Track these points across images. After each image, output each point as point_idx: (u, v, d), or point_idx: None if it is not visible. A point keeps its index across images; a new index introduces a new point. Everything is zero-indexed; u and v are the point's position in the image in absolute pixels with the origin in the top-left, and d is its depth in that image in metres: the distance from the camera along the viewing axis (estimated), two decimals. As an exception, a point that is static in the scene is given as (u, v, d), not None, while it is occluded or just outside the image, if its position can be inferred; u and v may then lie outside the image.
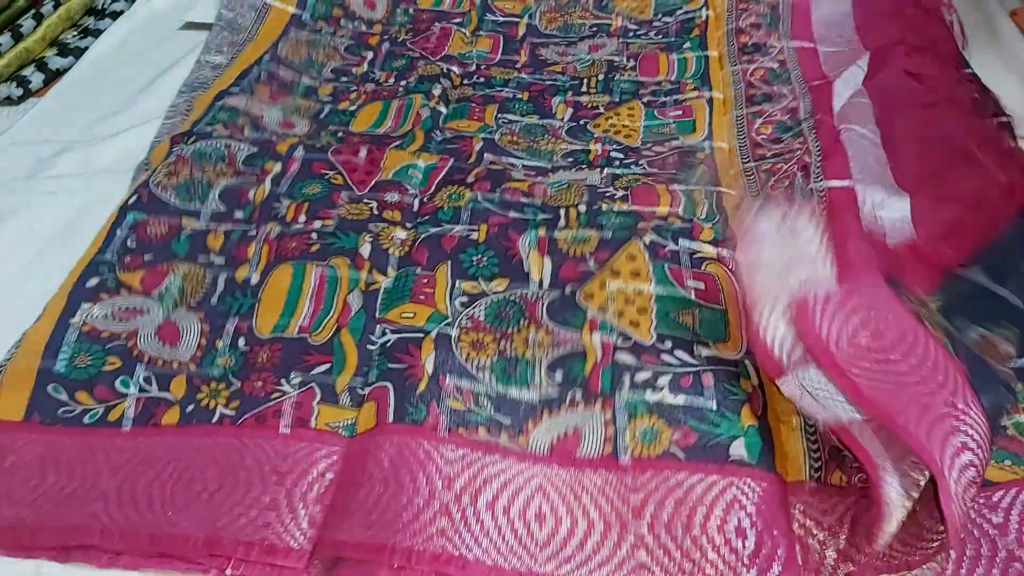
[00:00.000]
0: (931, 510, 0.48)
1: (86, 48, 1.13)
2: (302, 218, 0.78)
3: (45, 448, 0.61)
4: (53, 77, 1.09)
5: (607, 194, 0.80)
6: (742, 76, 0.97)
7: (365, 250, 0.74)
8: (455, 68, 1.04)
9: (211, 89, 0.97)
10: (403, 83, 1.01)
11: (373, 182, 0.82)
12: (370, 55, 1.08)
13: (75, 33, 1.18)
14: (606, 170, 0.85)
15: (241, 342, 0.68)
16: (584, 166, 0.87)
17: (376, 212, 0.78)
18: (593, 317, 0.68)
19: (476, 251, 0.74)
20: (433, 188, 0.82)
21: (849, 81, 0.89)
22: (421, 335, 0.67)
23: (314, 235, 0.75)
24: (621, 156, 0.88)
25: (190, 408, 0.63)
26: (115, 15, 1.21)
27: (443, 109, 0.96)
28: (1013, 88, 0.88)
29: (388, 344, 0.67)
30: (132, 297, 0.71)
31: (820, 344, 0.56)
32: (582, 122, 0.94)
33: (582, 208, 0.78)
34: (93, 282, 0.72)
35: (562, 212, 0.77)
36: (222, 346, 0.68)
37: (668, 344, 0.66)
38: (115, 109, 1.00)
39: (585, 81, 1.01)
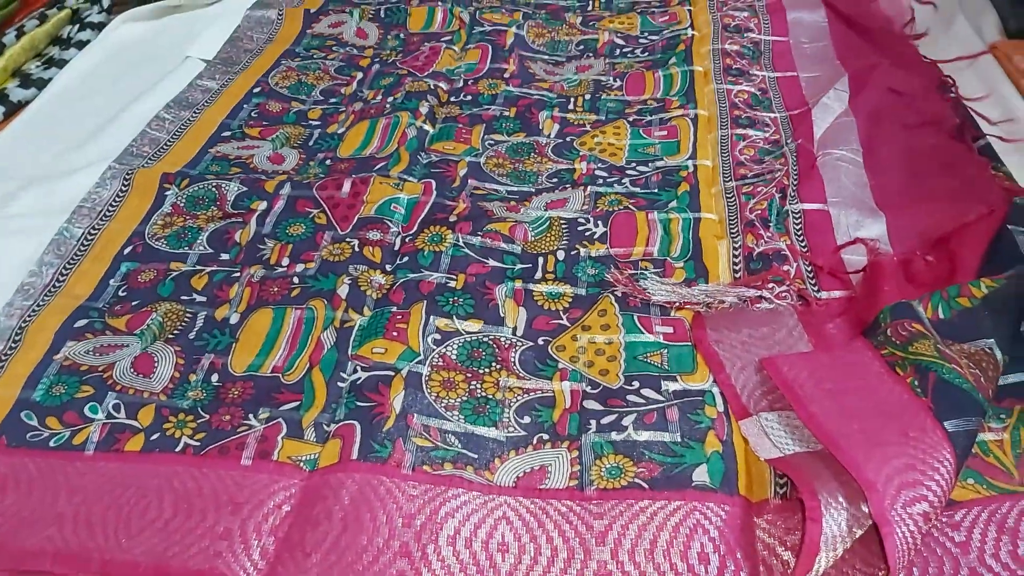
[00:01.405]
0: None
1: (50, 79, 1.09)
2: (285, 261, 0.79)
3: (7, 469, 0.61)
4: (14, 109, 1.06)
5: (587, 232, 0.81)
6: (727, 96, 1.00)
7: (343, 291, 0.75)
8: (442, 84, 1.07)
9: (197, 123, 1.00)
10: (390, 99, 1.03)
11: (355, 218, 0.84)
12: (360, 75, 1.12)
13: (39, 63, 1.15)
14: (590, 188, 0.87)
15: (214, 378, 0.69)
16: (568, 186, 0.88)
17: (357, 250, 0.80)
18: (564, 368, 0.69)
19: (453, 295, 0.75)
20: (415, 228, 0.83)
21: (829, 107, 0.92)
22: (392, 373, 0.67)
23: (295, 279, 0.77)
24: (605, 175, 0.90)
25: (155, 436, 0.64)
26: (81, 44, 1.18)
27: (429, 128, 0.98)
28: (995, 119, 0.91)
29: (358, 382, 0.67)
30: (116, 337, 0.73)
31: (786, 383, 0.58)
32: (568, 139, 0.96)
33: (560, 255, 0.79)
34: (81, 323, 0.74)
35: (540, 261, 0.79)
36: (195, 380, 0.69)
37: (635, 384, 0.66)
38: (78, 143, 0.97)
39: (572, 100, 1.04)
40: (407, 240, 0.82)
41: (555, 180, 0.90)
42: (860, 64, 0.98)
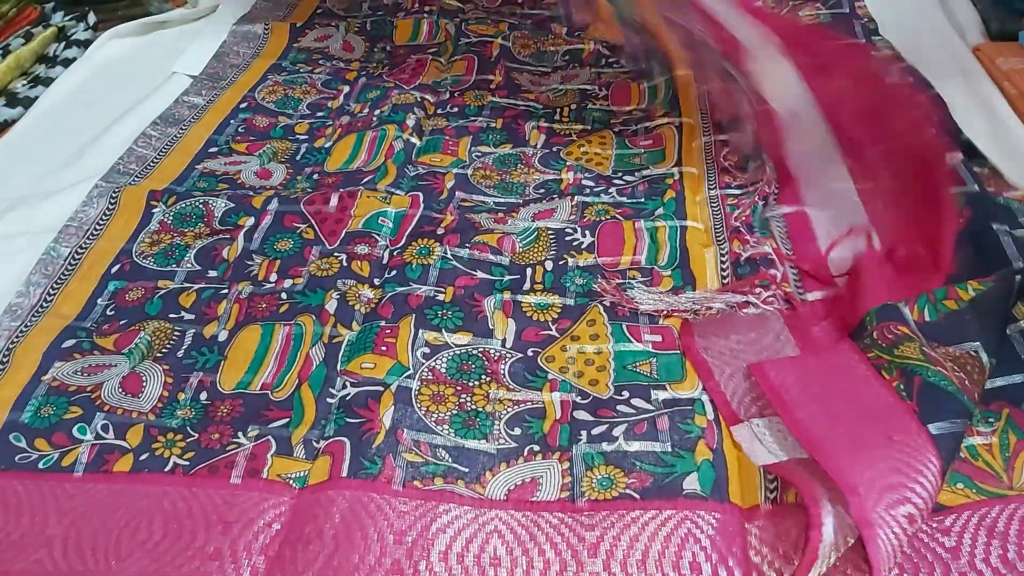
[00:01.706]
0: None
1: (36, 98, 1.10)
2: (273, 276, 0.79)
3: None
4: (0, 129, 1.06)
5: (574, 242, 0.82)
6: (708, 99, 1.01)
7: (331, 306, 0.75)
8: (429, 96, 1.07)
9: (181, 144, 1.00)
10: (377, 112, 1.03)
11: (343, 232, 0.84)
12: (346, 88, 1.12)
13: (25, 82, 1.15)
14: (576, 198, 0.88)
15: (203, 396, 0.69)
16: (555, 196, 0.89)
17: (345, 264, 0.80)
18: (554, 378, 0.69)
19: (442, 308, 0.75)
20: (403, 241, 0.84)
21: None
22: (381, 388, 0.67)
23: (283, 295, 0.77)
24: (592, 184, 0.90)
25: (144, 456, 0.63)
26: (67, 62, 1.19)
27: (416, 141, 0.99)
28: (980, 124, 0.90)
29: (347, 397, 0.67)
30: (104, 356, 0.73)
31: (773, 389, 0.58)
32: (555, 149, 0.97)
33: (548, 265, 0.79)
34: (69, 343, 0.74)
35: (528, 272, 0.79)
36: (184, 399, 0.68)
37: (625, 394, 0.66)
38: (65, 161, 0.97)
39: (558, 110, 1.05)
40: (395, 254, 0.82)
41: (542, 191, 0.91)
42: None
